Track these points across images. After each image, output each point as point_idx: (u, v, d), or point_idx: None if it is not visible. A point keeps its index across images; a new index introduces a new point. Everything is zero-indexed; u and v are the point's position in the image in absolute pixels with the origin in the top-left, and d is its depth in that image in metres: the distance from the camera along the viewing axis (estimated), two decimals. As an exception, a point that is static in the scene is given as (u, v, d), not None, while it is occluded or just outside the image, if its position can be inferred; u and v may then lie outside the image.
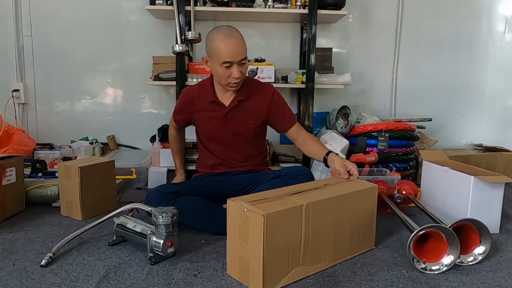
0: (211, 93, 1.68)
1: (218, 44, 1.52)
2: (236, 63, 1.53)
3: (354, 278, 1.20)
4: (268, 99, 1.72)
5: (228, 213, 1.18)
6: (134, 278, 1.18)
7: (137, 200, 1.92)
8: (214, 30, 1.59)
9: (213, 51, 1.55)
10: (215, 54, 1.54)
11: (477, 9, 2.86)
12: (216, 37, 1.54)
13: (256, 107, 1.71)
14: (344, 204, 1.29)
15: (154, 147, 2.45)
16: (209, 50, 1.57)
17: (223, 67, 1.53)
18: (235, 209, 1.15)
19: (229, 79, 1.56)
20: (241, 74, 1.56)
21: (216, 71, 1.57)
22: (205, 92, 1.70)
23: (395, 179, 1.96)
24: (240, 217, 1.13)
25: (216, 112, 1.69)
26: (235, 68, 1.53)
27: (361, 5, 2.77)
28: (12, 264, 1.26)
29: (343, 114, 2.46)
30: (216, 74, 1.60)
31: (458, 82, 2.91)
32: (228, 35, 1.53)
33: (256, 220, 1.07)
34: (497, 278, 1.22)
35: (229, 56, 1.51)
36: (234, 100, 1.68)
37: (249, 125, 1.73)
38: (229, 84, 1.58)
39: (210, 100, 1.68)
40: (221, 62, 1.52)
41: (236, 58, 1.52)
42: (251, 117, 1.72)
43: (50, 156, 2.47)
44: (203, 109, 1.71)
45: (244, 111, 1.70)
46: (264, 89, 1.74)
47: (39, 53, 2.70)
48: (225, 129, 1.71)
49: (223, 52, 1.51)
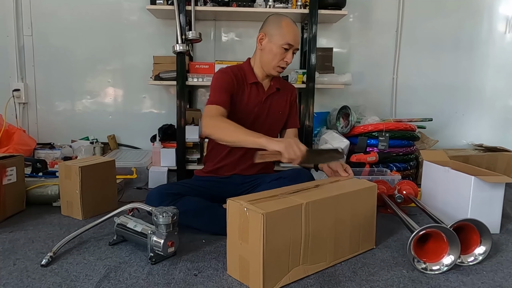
0: (252, 75, 1.69)
1: (287, 27, 1.59)
2: (293, 49, 1.62)
3: (355, 278, 1.20)
4: (293, 95, 1.83)
5: (228, 212, 1.18)
6: (134, 277, 1.18)
7: (137, 199, 1.92)
8: (278, 15, 1.66)
9: (278, 31, 1.60)
10: (279, 34, 1.59)
11: (478, 9, 2.86)
12: (284, 20, 1.61)
13: (284, 100, 1.79)
14: (344, 203, 1.29)
15: (155, 146, 2.45)
16: (273, 29, 1.61)
17: (282, 48, 1.59)
18: (235, 209, 1.15)
19: (281, 62, 1.62)
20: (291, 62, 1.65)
21: (272, 50, 1.61)
22: (244, 73, 1.69)
23: (396, 179, 1.96)
24: (240, 217, 1.13)
25: (255, 96, 1.69)
26: (290, 53, 1.62)
27: (362, 5, 2.77)
28: (13, 263, 1.26)
29: (344, 114, 2.46)
30: (271, 54, 1.62)
31: (459, 82, 2.91)
32: (294, 23, 1.63)
33: (256, 219, 1.07)
34: (497, 278, 1.22)
35: (293, 40, 1.59)
36: (272, 87, 1.73)
37: (278, 116, 1.77)
38: (277, 67, 1.64)
39: (252, 82, 1.68)
40: (284, 42, 1.58)
41: (296, 44, 1.62)
42: (280, 107, 1.77)
43: (51, 155, 2.47)
44: (242, 92, 1.67)
45: (277, 100, 1.75)
46: (290, 85, 1.87)
47: (39, 53, 2.70)
48: (261, 116, 1.70)
49: (290, 34, 1.59)
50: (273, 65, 1.64)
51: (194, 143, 2.42)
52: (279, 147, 1.30)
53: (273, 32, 1.61)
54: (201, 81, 2.38)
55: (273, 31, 1.61)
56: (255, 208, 1.08)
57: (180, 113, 2.35)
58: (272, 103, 1.74)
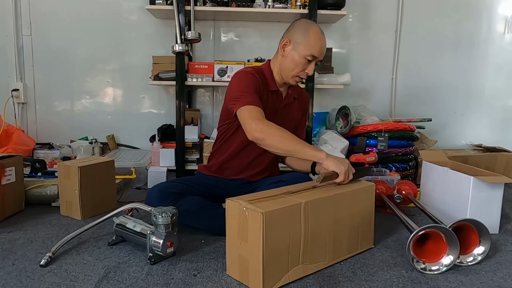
0: (273, 82, 1.61)
1: (314, 36, 1.50)
2: (317, 61, 1.55)
3: (354, 278, 1.20)
4: (307, 105, 1.80)
5: (227, 212, 1.18)
6: (133, 278, 1.18)
7: (136, 199, 1.92)
8: (308, 21, 1.59)
9: (304, 40, 1.50)
10: (305, 44, 1.50)
11: (477, 10, 2.86)
12: (312, 29, 1.52)
13: (298, 109, 1.73)
14: (343, 203, 1.29)
15: (154, 146, 2.44)
16: (299, 37, 1.52)
17: (305, 59, 1.51)
18: (234, 208, 1.15)
19: (301, 73, 1.55)
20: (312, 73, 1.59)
21: (294, 59, 1.52)
22: (266, 79, 1.61)
23: (395, 179, 1.96)
24: (239, 216, 1.13)
25: (275, 104, 1.62)
26: (313, 65, 1.54)
27: (361, 5, 2.77)
28: (12, 263, 1.26)
29: (343, 114, 2.46)
30: (292, 62, 1.53)
31: (458, 82, 2.91)
32: (322, 33, 1.54)
33: (255, 219, 1.07)
34: (496, 278, 1.22)
35: (318, 52, 1.51)
36: (290, 97, 1.67)
37: (291, 125, 1.69)
38: (297, 76, 1.56)
39: (273, 90, 1.60)
40: (308, 53, 1.50)
41: (321, 57, 1.54)
42: (294, 117, 1.71)
43: (50, 155, 2.46)
44: (265, 98, 1.58)
45: (292, 110, 1.70)
46: (306, 95, 1.81)
47: (38, 53, 2.70)
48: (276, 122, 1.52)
49: (317, 46, 1.50)
50: (293, 74, 1.56)
51: (194, 143, 2.42)
52: (339, 170, 1.30)
53: (300, 40, 1.51)
54: (200, 81, 2.38)
55: (299, 39, 1.51)
56: (254, 208, 1.08)
57: (179, 113, 2.35)
58: (288, 112, 1.67)
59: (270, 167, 1.72)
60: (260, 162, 1.67)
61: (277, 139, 1.36)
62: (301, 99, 1.75)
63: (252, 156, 1.66)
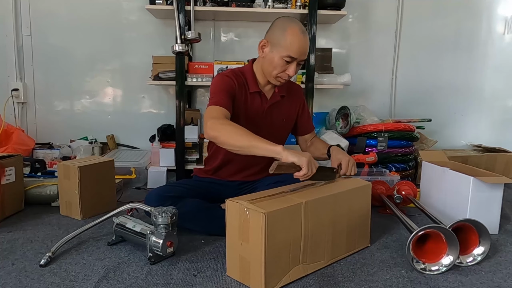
0: (254, 83, 1.56)
1: (292, 37, 1.42)
2: (297, 61, 1.47)
3: (354, 278, 1.20)
4: (301, 100, 1.71)
5: (227, 213, 1.18)
6: (133, 278, 1.18)
7: (136, 199, 1.92)
8: (287, 19, 1.48)
9: (281, 41, 1.43)
10: (283, 44, 1.43)
11: (477, 10, 2.86)
12: (290, 28, 1.43)
13: (290, 106, 1.67)
14: (341, 202, 1.30)
15: (154, 146, 2.44)
16: (276, 37, 1.45)
17: (284, 60, 1.44)
18: (234, 209, 1.15)
19: (282, 74, 1.48)
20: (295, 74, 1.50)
21: (273, 60, 1.46)
22: (246, 81, 1.56)
23: (395, 180, 1.96)
24: (240, 217, 1.13)
25: (257, 105, 1.57)
26: (294, 66, 1.46)
27: (361, 6, 2.77)
28: (11, 263, 1.26)
29: (343, 114, 2.47)
30: (271, 64, 1.47)
31: (458, 83, 2.91)
32: (303, 32, 1.44)
33: (257, 219, 1.07)
34: (496, 278, 1.22)
35: (297, 53, 1.43)
36: (276, 95, 1.60)
37: (282, 124, 1.66)
38: (278, 78, 1.50)
39: (254, 91, 1.55)
40: (286, 54, 1.43)
41: (301, 57, 1.46)
42: (285, 115, 1.65)
43: (50, 155, 2.46)
44: (243, 100, 1.54)
45: (282, 108, 1.64)
46: (297, 88, 1.73)
47: (38, 53, 2.70)
48: (262, 126, 1.57)
49: (294, 46, 1.42)
50: (273, 76, 1.50)
51: (193, 143, 2.42)
52: (300, 161, 1.21)
53: (276, 40, 1.45)
54: (200, 81, 2.38)
55: (276, 39, 1.45)
56: (255, 208, 1.08)
57: (179, 113, 2.35)
58: (276, 112, 1.63)
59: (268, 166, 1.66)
60: (257, 162, 1.64)
61: (231, 135, 1.30)
62: (292, 94, 1.68)
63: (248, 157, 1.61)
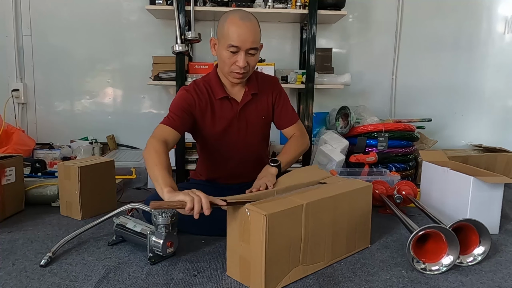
0: (220, 89, 1.51)
1: (229, 25, 1.37)
2: (244, 50, 1.38)
3: (354, 279, 1.20)
4: (276, 90, 1.62)
5: (228, 214, 1.18)
6: (133, 278, 1.18)
7: (136, 200, 1.92)
8: (230, 11, 1.44)
9: (222, 32, 1.39)
10: (223, 35, 1.39)
11: (477, 10, 2.86)
12: (230, 17, 1.39)
13: (266, 101, 1.60)
14: (342, 203, 1.29)
15: (154, 147, 2.44)
16: (219, 31, 1.42)
17: (228, 51, 1.38)
18: (235, 210, 1.15)
19: (233, 67, 1.41)
20: (247, 65, 1.42)
21: (221, 55, 1.42)
22: (212, 88, 1.52)
23: (395, 180, 1.96)
24: (241, 218, 1.13)
25: (228, 110, 1.53)
26: (242, 55, 1.38)
27: (361, 6, 2.77)
28: (12, 264, 1.26)
29: (343, 114, 2.47)
30: (221, 60, 1.44)
31: (458, 83, 2.91)
32: (242, 18, 1.37)
33: (258, 221, 1.07)
34: (496, 278, 1.22)
35: (237, 40, 1.36)
36: (247, 95, 1.54)
37: (262, 122, 1.60)
38: (232, 73, 1.44)
39: (221, 97, 1.51)
40: (228, 45, 1.37)
41: (245, 45, 1.37)
42: (263, 111, 1.59)
43: (50, 155, 2.46)
44: (212, 108, 1.51)
45: (257, 106, 1.58)
46: (271, 80, 1.66)
47: (38, 53, 2.70)
48: (238, 129, 1.55)
49: (232, 34, 1.36)
50: (226, 72, 1.44)
51: (193, 143, 2.42)
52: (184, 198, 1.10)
53: (220, 34, 1.41)
54: (200, 81, 2.37)
55: (219, 33, 1.42)
56: (257, 209, 1.08)
57: (179, 113, 2.35)
58: (251, 111, 1.56)
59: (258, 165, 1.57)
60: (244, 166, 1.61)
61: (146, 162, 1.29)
62: (265, 87, 1.60)
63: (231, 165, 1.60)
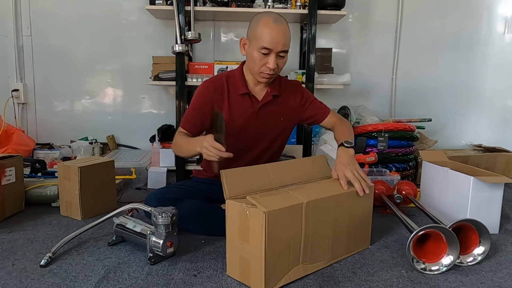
0: (242, 85, 1.54)
1: (263, 27, 1.40)
2: (275, 52, 1.41)
3: (354, 278, 1.20)
4: (299, 93, 1.65)
5: (227, 212, 1.18)
6: (133, 278, 1.18)
7: (136, 200, 1.92)
8: (262, 13, 1.47)
9: (255, 33, 1.42)
10: (256, 37, 1.41)
11: (477, 10, 2.86)
12: (263, 19, 1.42)
13: (288, 105, 1.62)
14: (343, 203, 1.29)
15: (154, 147, 2.44)
16: (251, 31, 1.45)
17: (260, 53, 1.41)
18: (234, 208, 1.15)
19: (263, 68, 1.45)
20: (277, 67, 1.45)
21: (252, 55, 1.45)
22: (234, 83, 1.55)
23: (395, 180, 1.96)
24: (240, 216, 1.13)
25: (247, 107, 1.55)
26: (272, 57, 1.42)
27: (361, 6, 2.77)
28: (12, 264, 1.26)
29: (343, 114, 2.46)
30: (251, 60, 1.47)
31: (458, 83, 2.91)
32: (276, 21, 1.41)
33: (257, 218, 1.07)
34: (496, 278, 1.22)
35: (270, 43, 1.39)
36: (268, 95, 1.56)
37: (280, 123, 1.62)
38: (261, 73, 1.47)
39: (242, 93, 1.53)
40: (260, 46, 1.40)
41: (277, 47, 1.40)
42: (282, 114, 1.61)
43: (50, 156, 2.46)
44: (230, 103, 1.54)
45: (277, 108, 1.60)
46: (294, 84, 1.69)
47: (38, 53, 2.70)
48: (255, 127, 1.57)
49: (266, 36, 1.39)
50: (256, 72, 1.48)
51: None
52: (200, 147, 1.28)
53: (252, 35, 1.44)
54: (200, 81, 2.37)
55: (251, 34, 1.45)
56: (255, 207, 1.08)
57: (179, 113, 2.35)
58: (270, 112, 1.59)
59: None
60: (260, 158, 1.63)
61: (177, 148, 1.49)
62: (288, 90, 1.63)
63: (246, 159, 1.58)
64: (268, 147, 1.65)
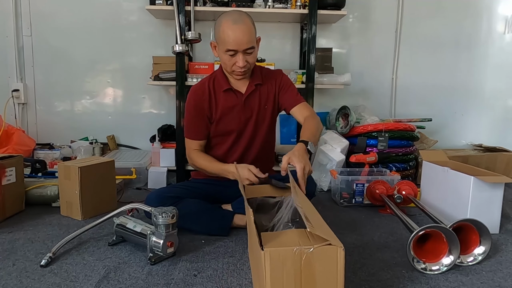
0: (224, 82, 1.60)
1: (224, 30, 1.44)
2: (241, 51, 1.45)
3: (354, 278, 1.20)
4: (279, 80, 1.68)
5: (265, 265, 0.81)
6: (134, 278, 1.18)
7: (137, 200, 1.92)
8: (223, 14, 1.50)
9: (219, 36, 1.47)
10: (220, 40, 1.47)
11: (477, 10, 2.86)
12: (223, 22, 1.45)
13: (269, 91, 1.67)
14: None
15: (154, 147, 2.44)
16: (216, 35, 1.50)
17: (227, 54, 1.47)
18: (280, 257, 0.81)
19: (234, 67, 1.50)
20: (247, 63, 1.50)
21: (222, 57, 1.51)
22: (217, 82, 1.62)
23: (395, 179, 1.96)
24: (293, 264, 0.81)
25: (233, 100, 1.61)
26: (240, 56, 1.46)
27: (361, 5, 2.77)
28: (12, 264, 1.26)
29: (343, 114, 2.46)
30: (222, 61, 1.53)
31: (458, 82, 2.91)
32: (235, 21, 1.43)
33: (329, 257, 0.81)
34: (497, 278, 1.22)
35: (233, 44, 1.43)
36: (251, 85, 1.62)
37: (266, 111, 1.66)
38: (233, 72, 1.53)
39: (225, 89, 1.59)
40: (225, 49, 1.45)
41: (241, 47, 1.44)
42: (265, 101, 1.66)
43: (50, 156, 2.47)
44: (219, 101, 1.61)
45: (261, 96, 1.65)
46: (275, 72, 1.73)
47: (39, 53, 2.70)
48: (245, 119, 1.63)
49: (228, 39, 1.43)
50: (229, 72, 1.55)
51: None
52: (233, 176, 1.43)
53: (217, 38, 1.49)
54: (200, 81, 2.38)
55: (217, 37, 1.49)
56: (325, 243, 0.80)
57: (179, 113, 2.35)
58: (255, 101, 1.64)
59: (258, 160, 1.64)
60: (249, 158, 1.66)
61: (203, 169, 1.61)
62: (269, 78, 1.67)
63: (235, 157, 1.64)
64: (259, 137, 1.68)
